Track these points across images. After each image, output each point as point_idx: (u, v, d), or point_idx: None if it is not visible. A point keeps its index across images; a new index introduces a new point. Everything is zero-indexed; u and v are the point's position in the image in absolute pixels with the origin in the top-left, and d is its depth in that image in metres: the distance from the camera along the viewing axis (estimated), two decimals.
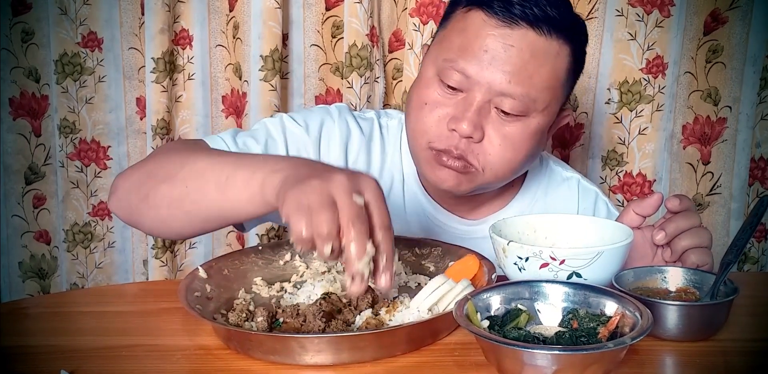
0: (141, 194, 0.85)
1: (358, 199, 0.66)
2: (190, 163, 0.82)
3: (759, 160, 1.63)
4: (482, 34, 0.91)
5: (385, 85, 1.61)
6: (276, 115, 1.07)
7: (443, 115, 0.94)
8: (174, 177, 0.82)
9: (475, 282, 0.82)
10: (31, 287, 1.77)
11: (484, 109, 0.92)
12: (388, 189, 1.08)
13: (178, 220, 0.84)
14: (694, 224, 0.87)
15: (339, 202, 0.65)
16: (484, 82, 0.91)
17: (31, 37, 1.65)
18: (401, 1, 1.58)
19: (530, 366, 0.61)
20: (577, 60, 0.96)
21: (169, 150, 0.91)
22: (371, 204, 0.67)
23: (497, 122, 0.93)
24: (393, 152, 1.10)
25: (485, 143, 0.93)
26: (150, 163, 0.89)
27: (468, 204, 1.08)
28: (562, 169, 1.16)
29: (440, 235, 1.07)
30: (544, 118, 0.94)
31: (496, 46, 0.90)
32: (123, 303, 0.91)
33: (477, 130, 0.91)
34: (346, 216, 0.65)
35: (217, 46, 1.64)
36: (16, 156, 1.70)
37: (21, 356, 0.73)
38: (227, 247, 1.71)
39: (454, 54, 0.92)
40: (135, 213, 0.88)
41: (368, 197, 0.68)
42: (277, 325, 0.74)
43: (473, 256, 0.88)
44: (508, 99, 0.91)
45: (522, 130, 0.93)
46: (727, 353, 0.73)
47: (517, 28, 0.90)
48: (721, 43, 1.53)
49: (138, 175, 0.88)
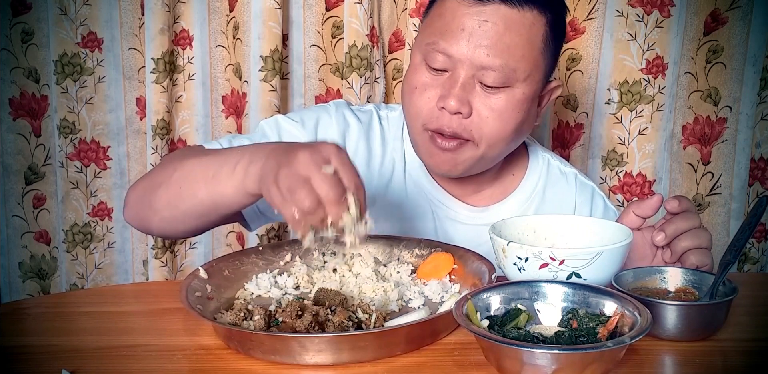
0: (145, 202, 0.93)
1: (327, 169, 0.73)
2: (181, 166, 0.89)
3: (759, 160, 1.63)
4: (458, 14, 0.96)
5: (385, 86, 1.61)
6: (273, 117, 1.11)
7: (432, 95, 0.98)
8: (168, 181, 0.90)
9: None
10: (31, 287, 1.77)
11: (469, 84, 0.96)
12: (389, 175, 1.11)
13: (179, 220, 0.91)
14: (693, 225, 0.87)
15: (312, 177, 0.72)
16: (465, 58, 0.95)
17: (31, 37, 1.65)
18: (401, 2, 1.58)
19: (530, 366, 0.61)
20: (556, 29, 0.99)
21: (170, 158, 0.98)
22: (340, 170, 0.74)
23: (482, 96, 0.97)
24: (394, 140, 1.13)
25: (474, 117, 0.97)
26: (152, 174, 0.97)
27: (471, 186, 1.11)
28: (561, 164, 1.19)
29: (443, 219, 1.11)
30: (528, 87, 0.98)
31: (472, 24, 0.94)
32: (123, 303, 0.91)
33: (464, 105, 0.95)
34: (320, 187, 0.71)
35: (217, 46, 1.65)
36: (16, 156, 1.70)
37: (22, 356, 0.73)
38: (227, 247, 1.71)
39: (435, 37, 0.97)
40: (144, 220, 0.96)
41: (335, 163, 0.74)
42: (275, 324, 0.74)
43: (442, 252, 0.92)
44: (489, 72, 0.95)
45: (507, 101, 0.97)
46: (726, 353, 0.73)
47: (489, 4, 0.94)
48: (721, 44, 1.53)
49: (142, 186, 0.96)
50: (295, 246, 0.96)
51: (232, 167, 0.82)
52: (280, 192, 0.73)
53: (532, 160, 1.16)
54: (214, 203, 0.86)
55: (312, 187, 0.71)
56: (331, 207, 0.72)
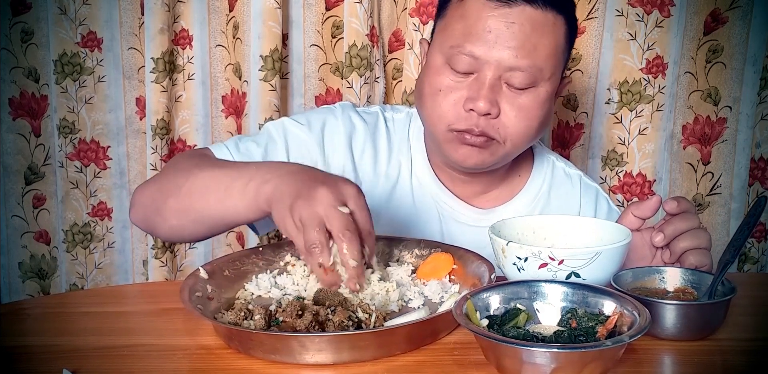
0: (153, 208, 0.94)
1: (343, 210, 0.75)
2: (193, 177, 0.90)
3: (759, 160, 1.63)
4: (483, 16, 0.95)
5: (385, 85, 1.61)
6: (279, 119, 1.11)
7: (458, 98, 0.98)
8: (179, 191, 0.90)
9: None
10: (31, 287, 1.77)
11: (496, 85, 0.97)
12: (395, 177, 1.12)
13: (187, 229, 0.93)
14: (693, 226, 0.87)
15: (328, 215, 0.75)
16: (493, 60, 0.95)
17: (30, 37, 1.65)
18: (401, 1, 1.58)
19: (529, 365, 0.62)
20: (571, 26, 1.01)
21: (177, 163, 0.99)
22: (356, 213, 0.77)
23: (510, 96, 0.97)
24: (400, 142, 1.13)
25: (502, 117, 0.98)
26: (161, 178, 0.97)
27: (479, 186, 1.12)
28: (565, 165, 1.19)
29: (449, 221, 1.11)
30: (551, 85, 1.00)
31: (499, 26, 0.95)
32: (124, 303, 0.91)
33: (493, 107, 0.96)
34: (336, 227, 0.74)
35: (217, 46, 1.65)
36: (16, 156, 1.70)
37: (23, 355, 0.73)
38: (227, 248, 1.71)
39: (460, 39, 0.97)
40: (150, 225, 0.97)
41: (352, 206, 0.77)
42: (276, 324, 0.74)
43: (441, 253, 0.92)
44: (517, 73, 0.96)
45: (533, 100, 0.98)
46: (725, 352, 0.74)
47: (514, 5, 0.95)
48: (721, 43, 1.54)
49: (151, 190, 0.96)
50: (295, 246, 0.96)
51: (244, 183, 0.83)
52: (292, 221, 0.76)
53: (537, 161, 1.17)
54: (224, 217, 0.88)
55: (323, 226, 0.74)
56: (342, 244, 0.74)
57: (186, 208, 0.90)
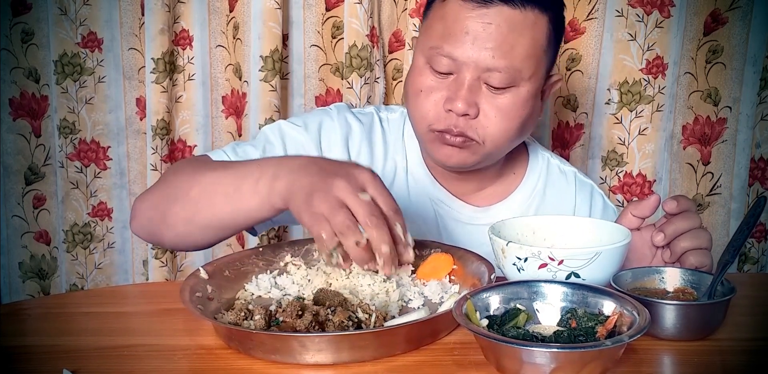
0: (157, 216, 0.92)
1: (364, 197, 0.74)
2: (197, 181, 0.89)
3: (759, 161, 1.63)
4: (461, 17, 0.96)
5: (385, 86, 1.61)
6: (275, 122, 1.11)
7: (438, 98, 0.99)
8: (185, 197, 0.89)
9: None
10: (31, 287, 1.77)
11: (475, 86, 0.97)
12: (391, 176, 1.12)
13: (195, 235, 0.91)
14: (693, 225, 0.87)
15: (350, 204, 0.74)
16: (470, 61, 0.96)
17: (31, 37, 1.65)
18: (401, 2, 1.58)
19: (529, 365, 0.62)
20: (556, 26, 1.00)
21: (178, 170, 0.97)
22: (377, 198, 0.75)
23: (489, 96, 0.98)
24: (395, 141, 1.14)
25: (481, 118, 0.98)
26: (162, 185, 0.95)
27: (474, 184, 1.12)
28: (560, 163, 1.20)
29: (445, 219, 1.11)
30: (532, 85, 0.99)
31: (476, 27, 0.95)
32: (124, 303, 0.91)
33: (471, 107, 0.97)
34: (362, 214, 0.73)
35: (217, 46, 1.65)
36: (16, 156, 1.70)
37: (23, 356, 0.73)
38: (227, 248, 1.71)
39: (439, 41, 0.97)
40: (156, 234, 0.95)
41: (371, 192, 0.76)
42: (276, 324, 0.74)
43: (441, 253, 0.92)
44: (495, 73, 0.96)
45: (513, 100, 0.98)
46: (724, 352, 0.74)
47: (492, 6, 0.95)
48: (721, 44, 1.54)
49: (153, 198, 0.95)
50: (295, 246, 0.97)
51: (254, 181, 0.82)
52: (313, 213, 0.74)
53: (532, 158, 1.17)
54: (235, 219, 0.86)
55: (348, 211, 0.73)
56: (371, 231, 0.73)
57: (193, 214, 0.88)
